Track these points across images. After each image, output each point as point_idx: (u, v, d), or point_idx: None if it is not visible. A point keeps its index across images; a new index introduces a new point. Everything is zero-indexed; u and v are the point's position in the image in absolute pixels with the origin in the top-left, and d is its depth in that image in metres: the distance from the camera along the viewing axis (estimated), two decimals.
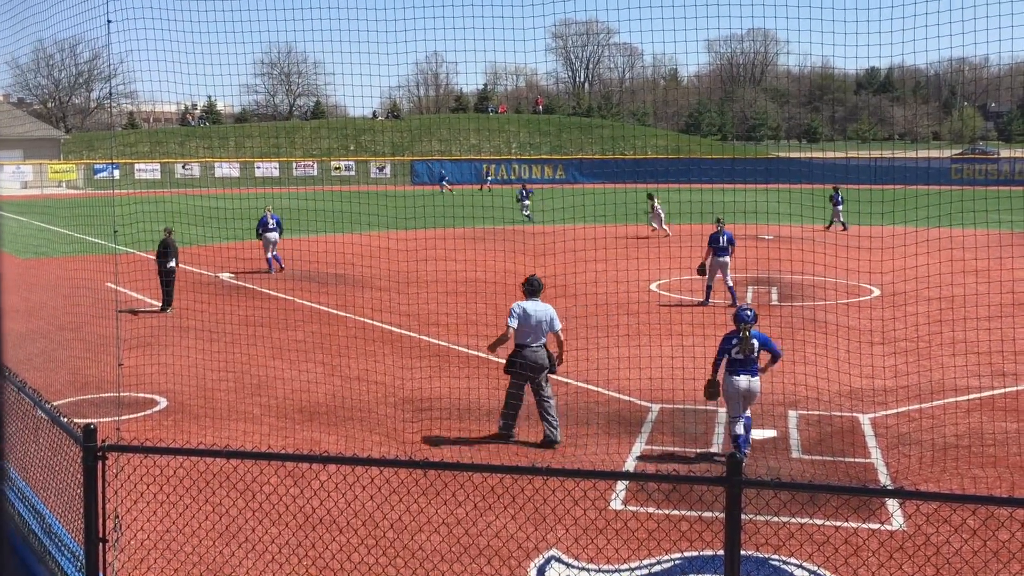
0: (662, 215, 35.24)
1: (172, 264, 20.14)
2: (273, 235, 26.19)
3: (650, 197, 35.71)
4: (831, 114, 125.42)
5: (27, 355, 16.25)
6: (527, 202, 43.19)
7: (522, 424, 11.90)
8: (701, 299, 20.76)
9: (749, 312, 10.66)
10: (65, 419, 6.88)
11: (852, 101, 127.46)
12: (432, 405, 12.99)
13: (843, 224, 36.03)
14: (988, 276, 21.03)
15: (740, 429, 10.48)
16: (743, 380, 10.49)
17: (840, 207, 36.65)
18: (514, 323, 11.28)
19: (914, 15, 11.43)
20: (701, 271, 20.47)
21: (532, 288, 11.55)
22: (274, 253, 26.19)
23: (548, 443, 11.25)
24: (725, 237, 20.38)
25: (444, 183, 64.11)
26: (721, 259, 20.41)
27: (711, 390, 10.73)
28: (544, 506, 8.68)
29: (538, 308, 11.39)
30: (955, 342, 15.98)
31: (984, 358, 14.78)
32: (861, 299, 21.01)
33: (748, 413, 10.69)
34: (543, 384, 11.40)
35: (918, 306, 18.62)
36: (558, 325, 11.51)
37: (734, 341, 10.52)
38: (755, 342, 10.53)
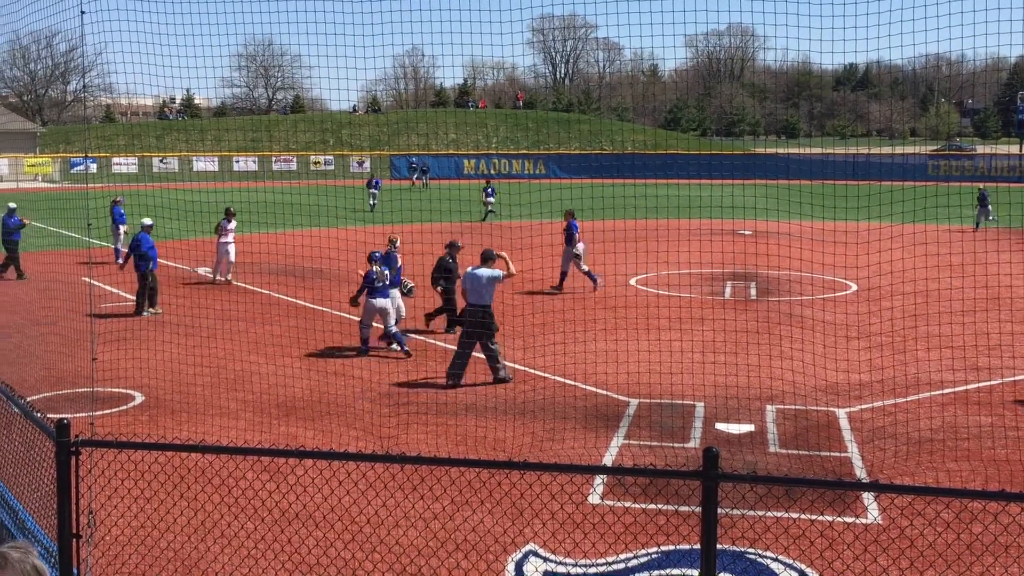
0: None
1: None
2: (124, 227, 26.26)
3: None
4: (810, 110, 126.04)
5: (0, 350, 16.11)
6: (375, 191, 43.58)
7: (491, 416, 11.91)
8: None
9: (378, 254, 15.81)
10: (38, 414, 6.82)
11: (831, 97, 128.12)
12: (410, 399, 12.97)
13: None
14: (963, 271, 21.17)
15: (372, 333, 15.49)
16: (379, 300, 15.31)
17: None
18: (467, 284, 13.87)
19: (889, 10, 11.51)
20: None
21: (484, 257, 14.24)
22: (119, 246, 26.10)
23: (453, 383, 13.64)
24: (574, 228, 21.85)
25: (424, 176, 63.81)
26: (573, 248, 21.90)
27: (355, 301, 15.75)
28: (522, 500, 8.68)
29: (483, 272, 13.90)
30: (930, 336, 16.09)
31: (959, 352, 14.89)
32: (838, 294, 21.13)
33: (395, 324, 15.67)
34: (490, 341, 13.78)
35: (894, 301, 18.73)
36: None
37: (373, 276, 15.34)
38: (386, 272, 15.51)
